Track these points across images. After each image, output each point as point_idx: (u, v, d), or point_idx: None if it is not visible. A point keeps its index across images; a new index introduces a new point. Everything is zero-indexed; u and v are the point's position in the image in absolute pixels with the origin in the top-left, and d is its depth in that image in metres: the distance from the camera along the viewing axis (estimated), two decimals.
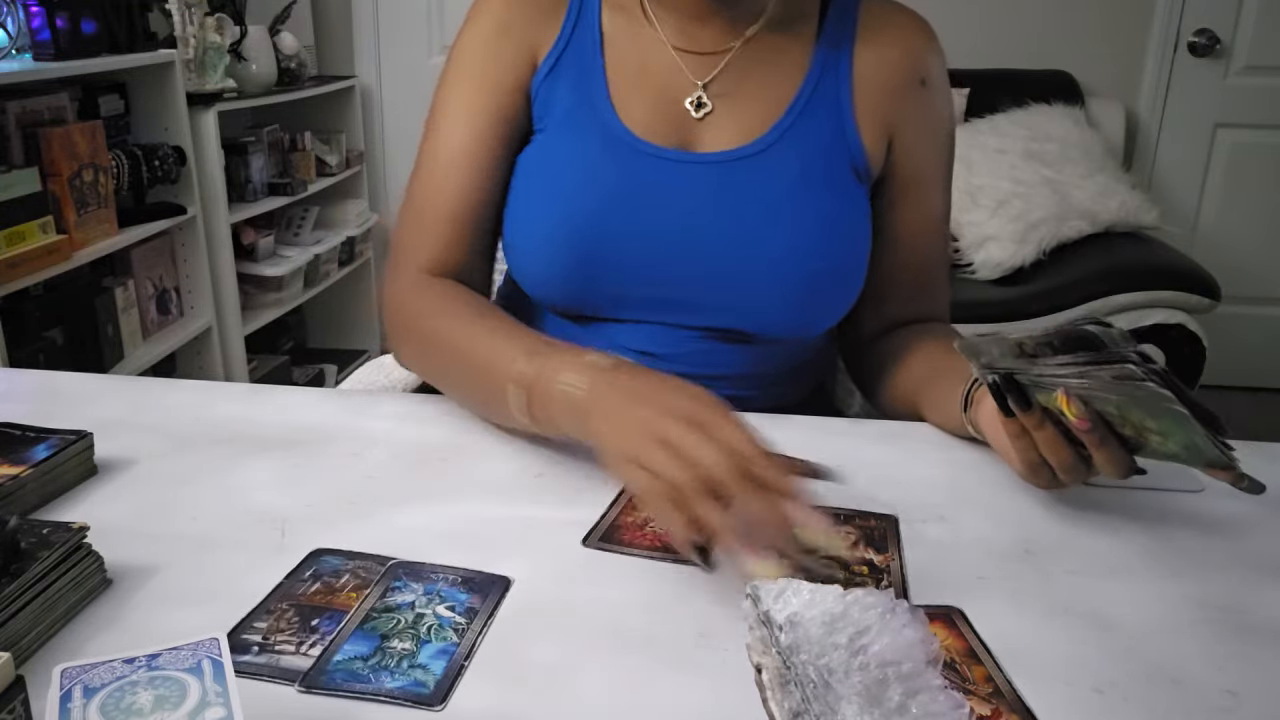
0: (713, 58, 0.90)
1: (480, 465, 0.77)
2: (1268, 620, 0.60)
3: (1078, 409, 0.64)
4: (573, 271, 0.88)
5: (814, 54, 0.90)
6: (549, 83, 0.91)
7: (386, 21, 3.19)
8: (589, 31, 0.91)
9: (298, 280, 2.81)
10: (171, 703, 0.41)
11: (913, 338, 0.94)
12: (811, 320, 0.91)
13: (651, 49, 0.91)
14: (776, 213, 0.86)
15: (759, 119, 0.89)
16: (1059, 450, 0.67)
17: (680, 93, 0.90)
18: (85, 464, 0.73)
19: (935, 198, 0.96)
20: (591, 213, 0.87)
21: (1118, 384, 0.61)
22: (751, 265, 0.86)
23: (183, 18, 2.33)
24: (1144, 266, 2.42)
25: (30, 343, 1.99)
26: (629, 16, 0.92)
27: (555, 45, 0.91)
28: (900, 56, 0.91)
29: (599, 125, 0.89)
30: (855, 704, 0.48)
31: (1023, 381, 0.66)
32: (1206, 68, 2.99)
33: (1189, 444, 0.63)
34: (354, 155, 3.12)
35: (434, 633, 0.56)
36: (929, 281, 0.99)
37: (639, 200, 0.87)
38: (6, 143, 1.92)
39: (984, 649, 0.57)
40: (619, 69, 0.90)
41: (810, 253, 0.86)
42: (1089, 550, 0.67)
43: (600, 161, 0.88)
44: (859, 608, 0.54)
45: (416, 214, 0.92)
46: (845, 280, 0.90)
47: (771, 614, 0.54)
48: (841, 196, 0.89)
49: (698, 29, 0.90)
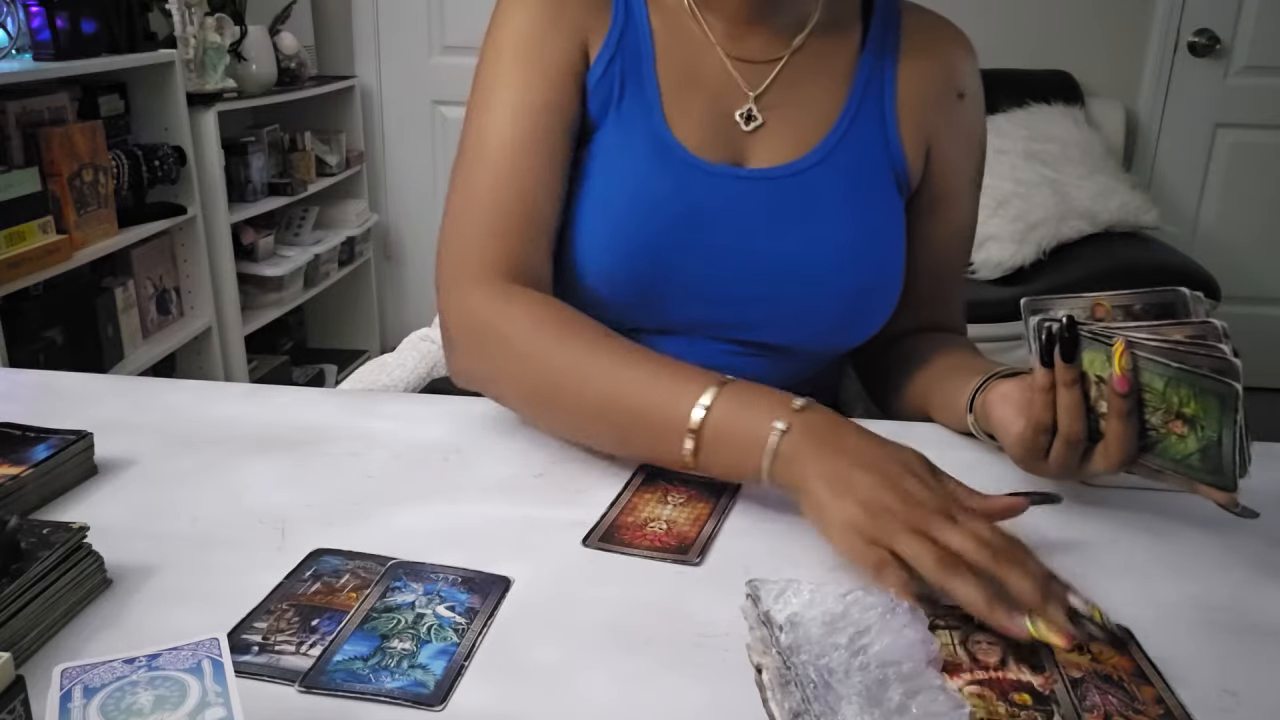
0: (764, 67, 0.88)
1: (480, 465, 0.77)
2: (1268, 620, 0.60)
3: (1128, 363, 0.63)
4: (616, 290, 0.86)
5: (859, 64, 0.89)
6: (606, 80, 0.86)
7: (386, 21, 3.18)
8: (639, 29, 0.88)
9: (298, 280, 2.81)
10: (171, 703, 0.41)
11: (927, 346, 0.94)
12: (853, 333, 0.90)
13: (702, 55, 0.88)
14: (828, 228, 0.85)
15: (808, 133, 0.87)
16: (1075, 417, 0.66)
17: (732, 105, 0.88)
18: (85, 464, 0.73)
19: (965, 208, 0.96)
20: (644, 231, 0.84)
21: (1188, 345, 0.61)
22: (803, 281, 0.85)
23: (183, 18, 2.33)
24: (1144, 266, 2.42)
25: (30, 343, 1.99)
26: (676, 17, 0.89)
27: (608, 39, 0.87)
28: (940, 68, 0.91)
29: (651, 135, 0.86)
30: (855, 704, 0.48)
31: (1081, 334, 0.66)
32: (1206, 68, 2.99)
33: (1209, 445, 0.62)
34: (354, 155, 3.12)
35: (434, 633, 0.56)
36: (947, 289, 0.99)
37: (691, 220, 0.85)
38: (6, 143, 1.92)
39: (1152, 669, 0.54)
40: (671, 75, 0.87)
41: (859, 267, 0.86)
42: (1089, 550, 0.67)
43: (654, 181, 0.85)
44: (859, 608, 0.54)
45: (482, 209, 0.82)
46: (888, 292, 0.90)
47: (772, 614, 0.54)
48: (886, 209, 0.89)
49: (746, 34, 0.88)
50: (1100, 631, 0.56)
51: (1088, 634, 0.56)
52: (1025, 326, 0.70)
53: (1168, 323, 0.64)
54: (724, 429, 0.67)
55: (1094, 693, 0.52)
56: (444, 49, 3.17)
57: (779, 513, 0.70)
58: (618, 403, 0.72)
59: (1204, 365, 0.60)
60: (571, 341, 0.75)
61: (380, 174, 3.31)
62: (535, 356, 0.76)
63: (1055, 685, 0.53)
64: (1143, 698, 0.52)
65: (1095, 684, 0.53)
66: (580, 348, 0.75)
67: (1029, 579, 0.56)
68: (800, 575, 0.58)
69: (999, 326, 2.35)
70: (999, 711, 0.51)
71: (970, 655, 0.55)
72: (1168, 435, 0.64)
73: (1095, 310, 0.68)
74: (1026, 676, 0.53)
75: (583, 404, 0.74)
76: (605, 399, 0.73)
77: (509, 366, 0.78)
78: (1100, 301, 0.68)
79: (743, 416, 0.67)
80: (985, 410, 0.77)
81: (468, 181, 0.84)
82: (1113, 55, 3.02)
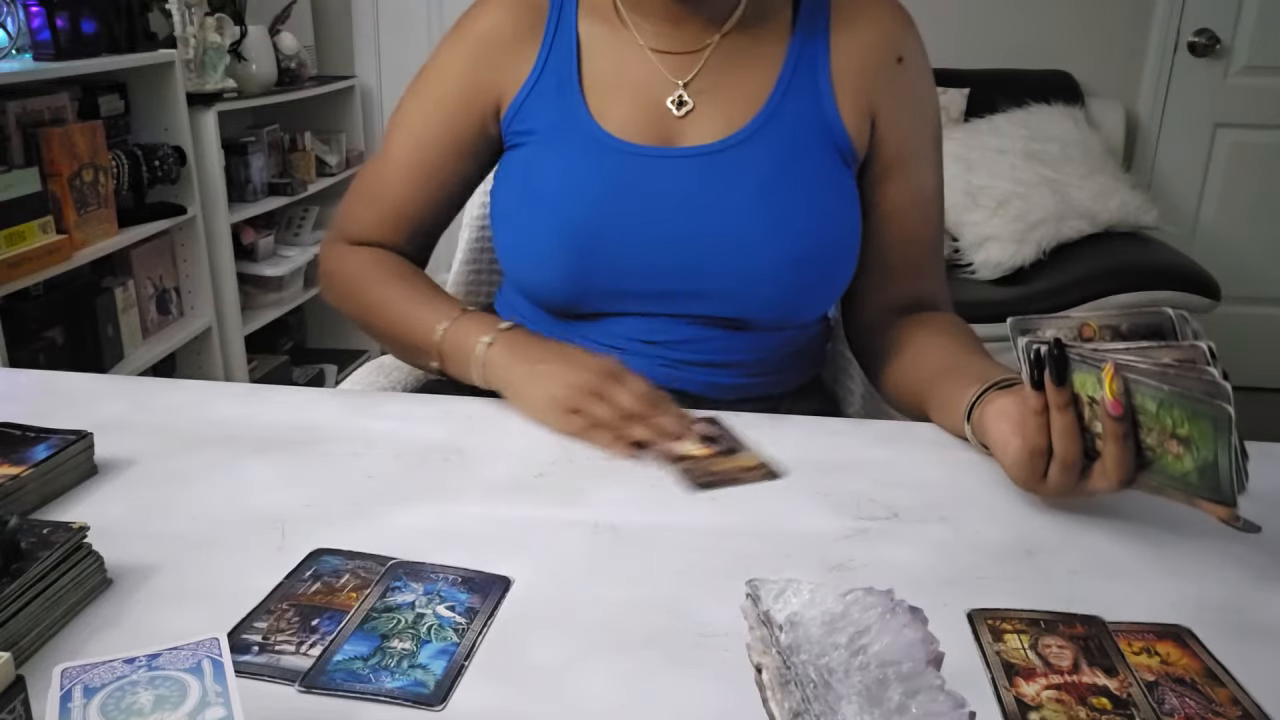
0: (690, 57, 0.92)
1: (480, 465, 0.77)
2: (1268, 620, 0.60)
3: (1119, 388, 0.63)
4: (568, 276, 0.91)
5: (789, 46, 0.92)
6: (527, 107, 0.94)
7: (386, 21, 3.19)
8: (566, 41, 0.93)
9: (298, 280, 2.81)
10: (171, 703, 0.41)
11: (921, 330, 0.95)
12: (803, 303, 0.93)
13: (628, 52, 0.93)
14: (761, 198, 0.88)
15: (740, 111, 0.91)
16: (1070, 441, 0.67)
17: (660, 93, 0.92)
18: (85, 464, 0.73)
19: (924, 174, 0.97)
20: (580, 218, 0.89)
21: (1177, 369, 0.61)
22: (740, 251, 0.88)
23: (183, 18, 2.33)
24: (1144, 266, 2.42)
25: (30, 343, 1.99)
26: (605, 22, 0.94)
27: (531, 74, 0.94)
28: (875, 38, 0.93)
29: (580, 133, 0.91)
30: (855, 704, 0.48)
31: (1070, 355, 0.65)
32: (1206, 68, 2.99)
33: (1206, 465, 0.61)
34: (354, 155, 3.12)
35: (434, 633, 0.56)
36: (924, 259, 0.99)
37: (625, 199, 0.89)
38: (6, 143, 1.92)
39: (1222, 669, 0.54)
40: (596, 75, 0.92)
41: (797, 235, 0.88)
42: (1089, 550, 0.67)
43: (584, 167, 0.90)
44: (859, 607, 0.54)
45: (365, 196, 1.02)
46: (835, 262, 0.92)
47: (771, 614, 0.54)
48: (827, 180, 0.91)
49: (673, 30, 0.92)
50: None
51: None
52: (1014, 347, 0.70)
53: (1157, 345, 0.63)
54: (452, 346, 0.89)
55: (1171, 696, 0.52)
56: None
57: (780, 512, 0.70)
58: (397, 327, 0.95)
59: (1195, 388, 0.60)
60: (373, 275, 0.98)
61: None
62: (354, 292, 0.99)
63: (1131, 689, 0.52)
64: (1219, 700, 0.52)
65: (1170, 687, 0.52)
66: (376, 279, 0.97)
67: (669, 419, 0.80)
68: (800, 575, 0.58)
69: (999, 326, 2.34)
70: (1080, 717, 0.50)
71: (1043, 659, 0.54)
72: (1164, 455, 0.64)
73: (1083, 331, 0.67)
74: (1101, 680, 0.53)
75: (381, 329, 0.98)
76: (391, 325, 0.96)
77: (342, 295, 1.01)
78: (1088, 322, 0.67)
79: (461, 336, 0.89)
80: (983, 424, 0.77)
81: (366, 170, 1.03)
82: (1113, 55, 3.02)
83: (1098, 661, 0.54)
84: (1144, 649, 0.55)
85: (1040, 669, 0.54)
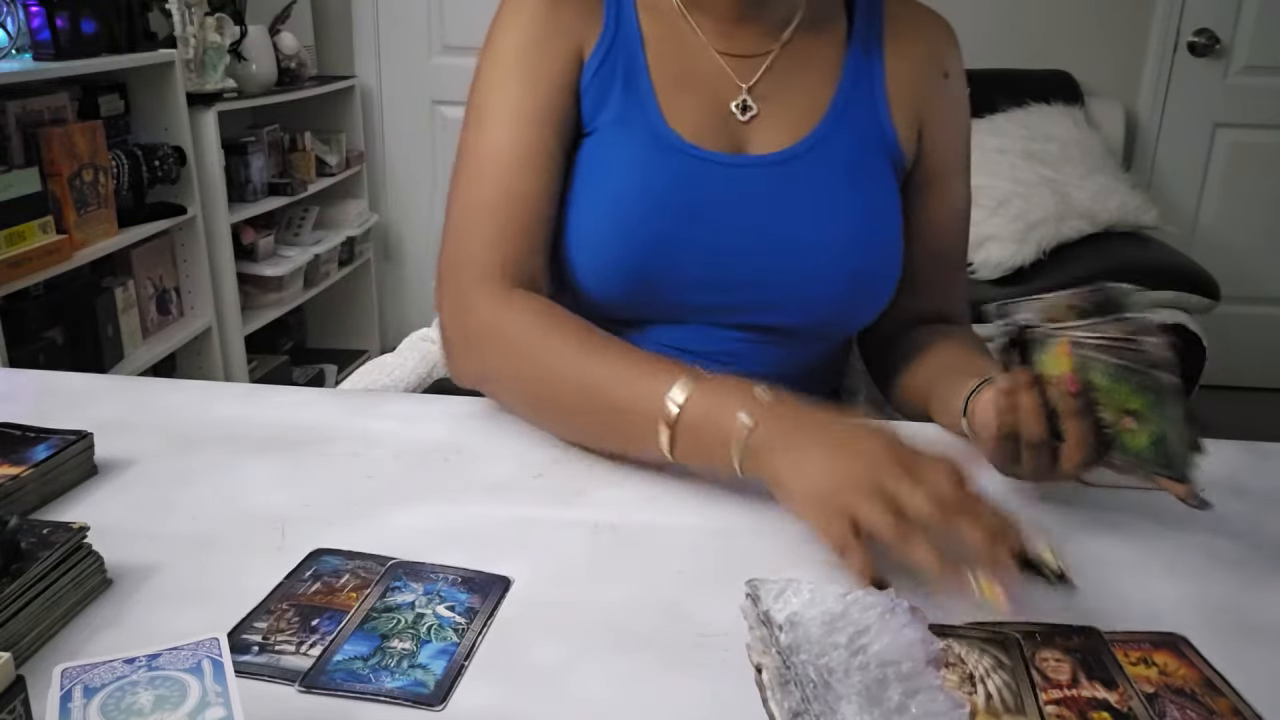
0: (754, 60, 0.91)
1: (480, 465, 0.77)
2: (1268, 620, 0.60)
3: (1068, 364, 0.64)
4: (628, 278, 0.87)
5: (847, 53, 0.93)
6: (597, 82, 0.88)
7: (386, 21, 3.18)
8: (629, 32, 0.90)
9: (298, 280, 2.81)
10: (171, 703, 0.42)
11: (929, 337, 0.95)
12: (856, 315, 0.93)
13: (695, 52, 0.91)
14: (828, 209, 0.88)
15: (803, 119, 0.90)
16: (1034, 420, 0.68)
17: (726, 96, 0.90)
18: (85, 464, 0.73)
19: (958, 188, 0.99)
20: (647, 221, 0.86)
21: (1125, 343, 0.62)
22: (805, 263, 0.87)
23: (183, 18, 2.33)
24: (1143, 266, 2.42)
25: (30, 343, 1.99)
26: (666, 18, 0.91)
27: (600, 42, 0.89)
28: (927, 51, 0.94)
29: (648, 130, 0.87)
30: (855, 704, 0.48)
31: (1029, 338, 0.67)
32: (1206, 68, 2.99)
33: (1159, 437, 0.62)
34: (354, 155, 3.12)
35: (434, 633, 0.56)
36: (949, 274, 1.00)
37: (694, 207, 0.86)
38: (6, 143, 1.92)
39: (1221, 679, 0.54)
40: (663, 72, 0.90)
41: (860, 246, 0.89)
42: (1089, 550, 0.67)
43: (653, 168, 0.86)
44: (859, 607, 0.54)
45: (483, 218, 0.85)
46: (888, 272, 0.92)
47: (771, 614, 0.54)
48: (884, 191, 0.92)
49: (735, 31, 0.91)
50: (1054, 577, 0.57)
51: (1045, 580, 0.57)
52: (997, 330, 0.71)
53: (1107, 320, 0.65)
54: (696, 426, 0.70)
55: (1172, 708, 0.51)
56: (444, 49, 3.17)
57: (779, 511, 0.70)
58: (597, 399, 0.75)
59: (1139, 361, 0.61)
60: (555, 339, 0.78)
61: (380, 174, 3.31)
62: (525, 355, 0.79)
63: (1131, 702, 0.52)
64: (1220, 710, 0.52)
65: (1170, 698, 0.52)
66: (563, 345, 0.78)
67: (979, 531, 0.57)
68: (800, 575, 0.58)
69: None
70: None
71: (1041, 673, 0.54)
72: (1122, 431, 0.65)
73: (1053, 312, 0.68)
74: (1101, 693, 0.53)
75: (565, 400, 0.78)
76: (585, 396, 0.76)
77: (502, 365, 0.81)
78: (1057, 303, 0.68)
79: (712, 413, 0.69)
80: (974, 417, 0.78)
81: (468, 189, 0.87)
82: (1112, 55, 3.02)
83: (1096, 674, 0.54)
84: (1141, 659, 0.55)
85: (1039, 683, 0.53)
